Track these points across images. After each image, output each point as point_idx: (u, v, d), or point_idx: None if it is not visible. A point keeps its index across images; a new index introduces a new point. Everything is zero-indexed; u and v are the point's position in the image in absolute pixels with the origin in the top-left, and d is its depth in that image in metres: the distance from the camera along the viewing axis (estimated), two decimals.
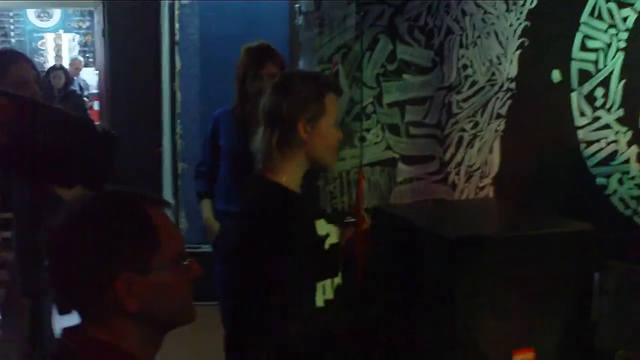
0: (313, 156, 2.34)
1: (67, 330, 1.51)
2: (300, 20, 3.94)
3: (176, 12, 5.88)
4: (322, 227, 2.36)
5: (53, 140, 1.99)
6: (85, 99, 10.29)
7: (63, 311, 1.48)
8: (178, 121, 6.06)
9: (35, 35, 13.24)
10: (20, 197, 2.59)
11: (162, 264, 1.47)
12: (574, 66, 3.75)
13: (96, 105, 10.00)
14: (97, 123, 9.21)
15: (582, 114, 3.75)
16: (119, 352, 1.46)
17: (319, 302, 2.29)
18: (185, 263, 1.53)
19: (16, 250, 2.00)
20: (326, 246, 2.34)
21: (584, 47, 3.76)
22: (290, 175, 2.33)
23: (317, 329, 2.27)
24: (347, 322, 2.45)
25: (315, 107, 2.31)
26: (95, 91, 10.64)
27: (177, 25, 5.92)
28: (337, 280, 2.40)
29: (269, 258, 2.18)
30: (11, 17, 13.03)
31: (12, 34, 13.11)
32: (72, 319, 1.50)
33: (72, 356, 1.46)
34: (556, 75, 3.78)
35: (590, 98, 3.75)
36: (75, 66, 11.22)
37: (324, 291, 2.29)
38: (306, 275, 2.24)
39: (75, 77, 10.87)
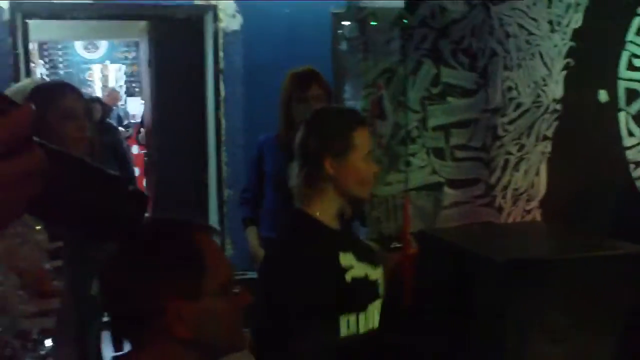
0: (344, 191, 2.32)
1: (116, 359, 1.52)
2: (344, 45, 3.95)
3: (220, 41, 5.94)
4: (348, 259, 2.34)
5: (85, 197, 2.02)
6: (122, 129, 10.34)
7: (117, 345, 1.48)
8: (223, 148, 6.11)
9: (82, 66, 13.50)
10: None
11: (211, 290, 1.47)
12: (621, 86, 3.71)
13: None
14: (144, 151, 9.32)
15: (631, 134, 3.69)
16: None
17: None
18: (235, 290, 1.53)
19: (66, 278, 2.03)
20: (347, 278, 2.30)
21: (630, 66, 3.72)
22: (323, 209, 2.32)
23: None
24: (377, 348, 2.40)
25: (342, 143, 2.29)
26: (138, 120, 10.76)
27: (221, 54, 5.98)
28: (369, 323, 2.33)
29: (292, 286, 2.19)
30: (60, 49, 13.30)
31: (60, 65, 13.38)
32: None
33: None
34: (603, 96, 3.74)
35: (638, 118, 3.70)
36: (113, 97, 11.37)
37: (348, 326, 2.26)
38: (327, 307, 2.21)
39: (114, 108, 11.02)
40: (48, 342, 1.72)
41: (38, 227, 2.05)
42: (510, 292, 2.87)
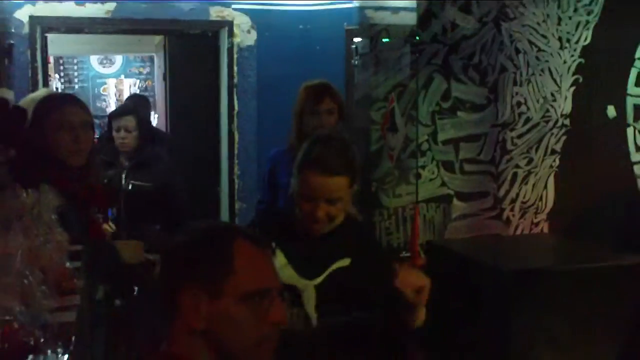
0: None
1: (145, 346, 1.59)
2: (356, 60, 4.01)
3: (235, 56, 6.01)
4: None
5: None
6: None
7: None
8: (236, 161, 6.16)
9: (97, 81, 13.60)
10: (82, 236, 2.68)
11: (234, 294, 1.49)
12: (629, 101, 3.76)
13: None
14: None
15: (639, 149, 3.74)
16: None
17: None
18: (266, 304, 1.52)
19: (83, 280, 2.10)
20: None
21: (639, 83, 3.76)
22: None
23: None
24: None
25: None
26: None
27: (235, 69, 6.05)
28: None
29: None
30: (75, 64, 13.42)
31: (75, 80, 13.48)
32: None
33: None
34: (611, 111, 3.79)
35: None
36: None
37: None
38: None
39: None
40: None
41: (59, 229, 2.13)
42: (516, 302, 2.91)
